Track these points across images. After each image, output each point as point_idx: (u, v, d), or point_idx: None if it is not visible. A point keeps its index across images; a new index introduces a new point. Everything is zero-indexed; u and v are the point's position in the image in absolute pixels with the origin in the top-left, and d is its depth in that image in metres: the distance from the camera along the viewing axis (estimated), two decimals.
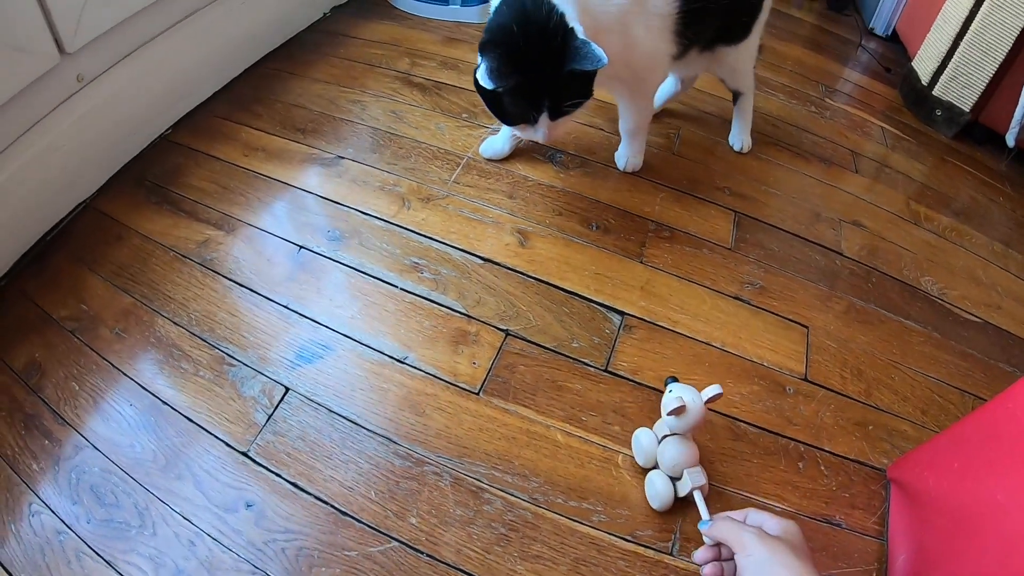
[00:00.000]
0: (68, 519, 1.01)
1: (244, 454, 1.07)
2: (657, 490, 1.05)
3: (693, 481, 1.00)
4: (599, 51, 1.11)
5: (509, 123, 1.29)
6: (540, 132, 1.26)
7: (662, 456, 1.05)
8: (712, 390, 1.00)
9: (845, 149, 1.85)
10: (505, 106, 1.24)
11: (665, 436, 1.05)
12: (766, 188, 1.63)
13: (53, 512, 1.01)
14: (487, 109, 1.29)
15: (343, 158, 1.59)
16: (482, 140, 1.61)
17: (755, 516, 0.88)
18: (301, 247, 1.38)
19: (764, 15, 1.51)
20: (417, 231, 1.42)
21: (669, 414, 1.00)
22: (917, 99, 2.08)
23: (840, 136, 1.90)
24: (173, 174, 1.55)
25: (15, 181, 1.34)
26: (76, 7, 1.37)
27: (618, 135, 1.62)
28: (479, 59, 1.17)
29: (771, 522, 0.86)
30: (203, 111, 1.75)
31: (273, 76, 1.86)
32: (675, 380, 1.06)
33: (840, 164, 1.78)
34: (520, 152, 1.63)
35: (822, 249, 1.50)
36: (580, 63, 1.12)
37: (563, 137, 1.39)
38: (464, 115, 1.72)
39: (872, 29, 2.59)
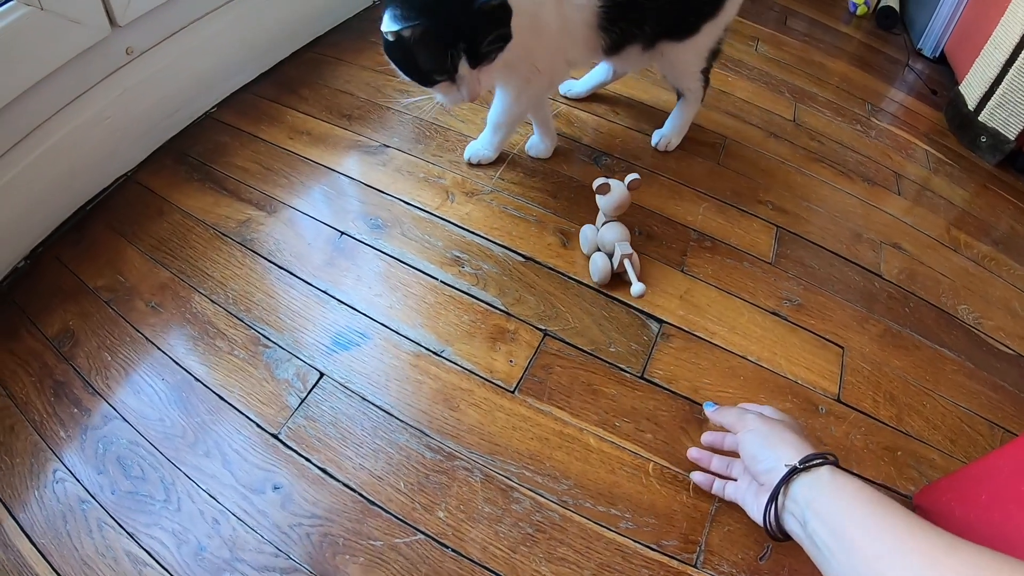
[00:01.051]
0: (92, 488, 1.01)
1: (275, 436, 1.07)
2: (597, 266, 1.31)
3: (621, 250, 1.28)
4: None
5: (428, 82, 1.16)
6: (464, 87, 1.16)
7: (601, 238, 1.33)
8: (631, 176, 1.29)
9: (888, 170, 1.83)
10: (419, 60, 1.12)
11: (603, 223, 1.34)
12: (808, 204, 1.61)
13: (77, 480, 1.02)
14: (404, 76, 1.19)
15: (388, 147, 1.59)
16: (527, 139, 1.61)
17: (755, 406, 1.00)
18: (343, 233, 1.38)
19: (722, 18, 1.45)
20: (460, 225, 1.42)
21: (596, 190, 1.28)
22: (962, 124, 2.06)
23: (884, 156, 1.88)
24: (217, 152, 1.56)
25: (59, 149, 1.35)
26: None
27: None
28: (384, 17, 1.10)
29: (770, 410, 0.99)
30: (248, 92, 1.75)
31: (320, 61, 1.87)
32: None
33: (882, 185, 1.76)
34: (566, 153, 1.62)
35: (861, 270, 1.48)
36: None
37: (486, 93, 1.33)
38: None
39: (920, 50, 2.57)
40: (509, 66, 1.26)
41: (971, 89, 2.04)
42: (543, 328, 1.25)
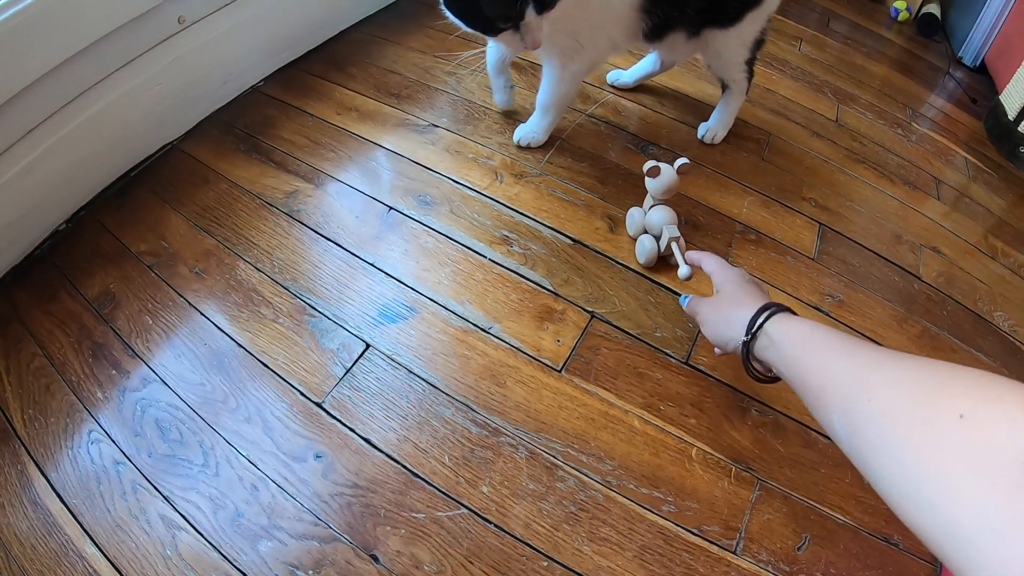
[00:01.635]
0: (128, 450, 1.02)
1: (318, 405, 1.08)
2: (644, 248, 1.33)
3: (669, 233, 1.27)
4: None
5: (492, 31, 1.16)
6: (527, 35, 1.14)
7: (648, 221, 1.33)
8: (681, 160, 1.29)
9: (928, 174, 1.83)
10: (485, 7, 1.12)
11: (651, 206, 1.34)
12: (851, 204, 1.61)
13: (113, 441, 1.03)
14: (466, 27, 1.19)
15: (437, 126, 1.60)
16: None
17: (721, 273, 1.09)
18: (391, 208, 1.39)
19: (765, 8, 1.44)
20: (509, 205, 1.42)
21: (647, 173, 1.28)
22: (1001, 134, 2.06)
23: (924, 161, 1.87)
24: (264, 125, 1.57)
25: (107, 113, 1.37)
26: None
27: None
28: None
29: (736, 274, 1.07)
30: (296, 67, 1.77)
31: (368, 41, 1.88)
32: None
33: (922, 189, 1.76)
34: (613, 141, 1.63)
35: (901, 271, 1.48)
36: None
37: (541, 43, 1.21)
38: None
39: (960, 58, 2.56)
40: (555, 34, 1.26)
41: (1011, 99, 2.04)
42: (590, 310, 1.25)
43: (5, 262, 1.27)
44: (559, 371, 1.16)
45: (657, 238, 1.32)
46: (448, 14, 1.18)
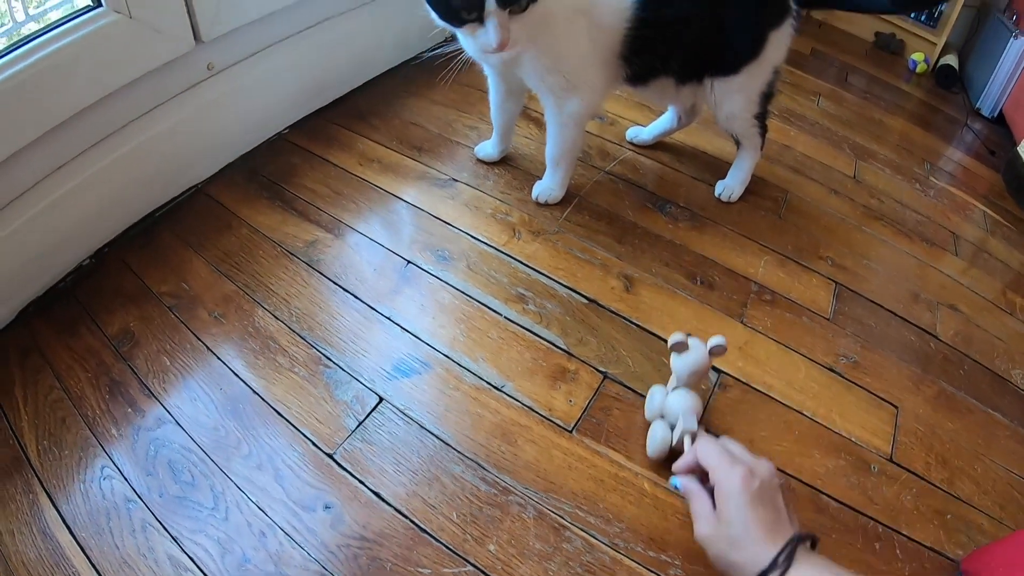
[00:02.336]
0: (140, 489, 1.04)
1: (330, 456, 1.09)
2: (655, 439, 1.13)
3: (685, 424, 1.08)
4: None
5: (457, 23, 1.21)
6: (492, 29, 1.17)
7: (668, 406, 1.13)
8: (715, 340, 1.08)
9: (946, 230, 1.83)
10: None
11: (673, 388, 1.15)
12: (867, 262, 1.62)
13: (125, 479, 1.05)
14: (438, 20, 1.23)
15: (457, 181, 1.63)
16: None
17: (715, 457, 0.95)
18: (409, 262, 1.42)
19: (766, 61, 1.46)
20: (526, 262, 1.44)
21: (671, 348, 1.10)
22: (1020, 186, 2.06)
23: (942, 216, 1.88)
24: (287, 173, 1.61)
25: (135, 154, 1.41)
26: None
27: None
28: None
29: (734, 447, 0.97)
30: (321, 117, 1.81)
31: (392, 93, 1.92)
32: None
33: (940, 245, 1.77)
34: (631, 199, 1.65)
35: (918, 330, 1.48)
36: None
37: (513, 49, 1.24)
38: (580, 157, 1.74)
39: (979, 109, 2.58)
40: (542, 71, 1.35)
41: None
42: (603, 370, 1.26)
43: (29, 293, 1.31)
44: (570, 431, 1.17)
45: (673, 427, 1.13)
46: (426, 6, 1.22)
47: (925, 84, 2.77)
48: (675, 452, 1.12)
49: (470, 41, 1.24)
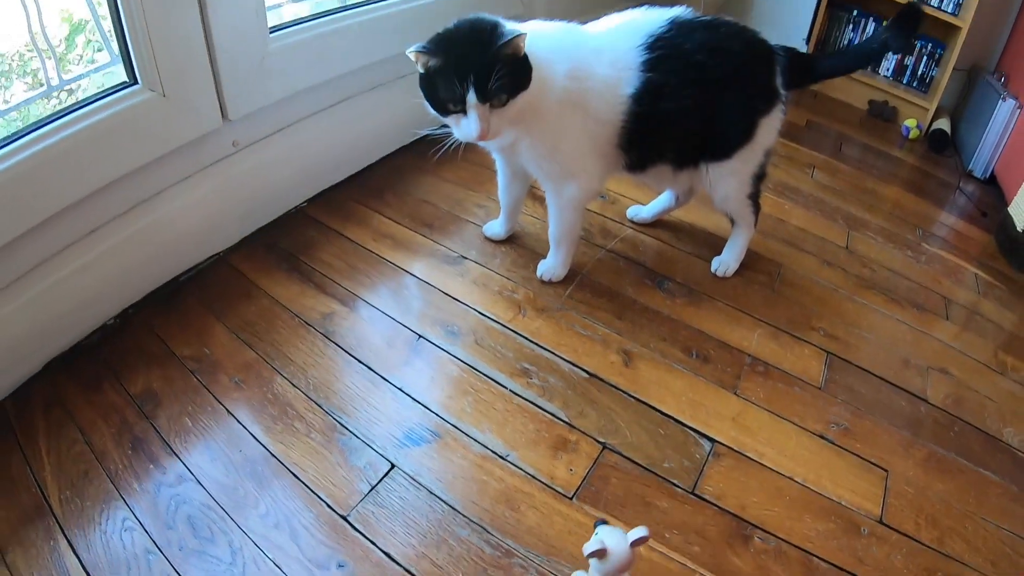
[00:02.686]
0: (160, 542, 1.10)
1: (344, 518, 1.16)
2: None
3: None
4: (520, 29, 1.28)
5: (443, 112, 1.34)
6: (473, 120, 1.30)
7: None
8: (637, 532, 0.95)
9: (938, 295, 1.90)
10: (438, 89, 1.30)
11: None
12: (859, 331, 1.69)
13: (146, 531, 1.11)
14: (431, 109, 1.36)
15: (466, 258, 1.73)
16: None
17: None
18: (420, 336, 1.50)
19: (757, 146, 1.55)
20: (530, 338, 1.53)
21: (588, 556, 0.97)
22: (1012, 246, 2.12)
23: (934, 282, 1.95)
24: (305, 245, 1.71)
25: (162, 222, 1.51)
26: (244, 82, 1.56)
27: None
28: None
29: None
30: (339, 191, 1.92)
31: (406, 169, 2.03)
32: (604, 523, 1.01)
33: (932, 311, 1.83)
34: (630, 276, 1.74)
35: (908, 395, 1.53)
36: (500, 39, 1.26)
37: (496, 138, 1.37)
38: (583, 236, 1.82)
39: (971, 171, 2.65)
40: (540, 159, 1.47)
41: (1020, 210, 2.11)
42: (603, 441, 1.33)
43: (55, 348, 1.40)
44: (571, 498, 1.23)
45: None
46: (422, 97, 1.36)
47: (918, 149, 2.86)
48: None
49: (456, 128, 1.36)
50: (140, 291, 1.54)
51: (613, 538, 0.96)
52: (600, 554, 0.96)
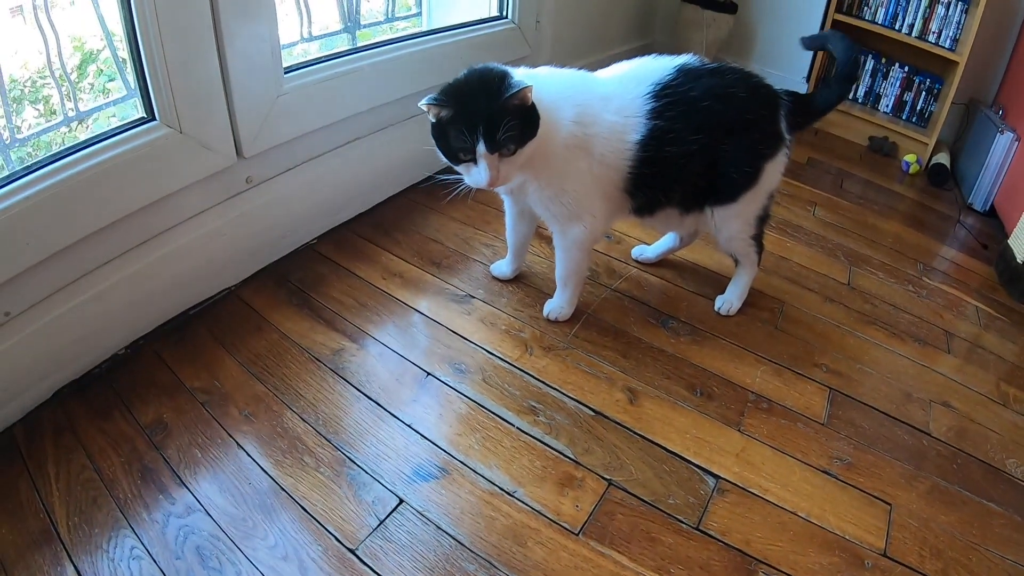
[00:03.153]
0: (168, 571, 1.12)
1: (352, 552, 1.18)
2: None
3: None
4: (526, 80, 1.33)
5: (455, 160, 1.40)
6: (483, 169, 1.36)
7: None
8: None
9: (939, 329, 1.92)
10: (449, 139, 1.36)
11: None
12: (861, 367, 1.71)
13: (154, 560, 1.13)
14: (443, 157, 1.42)
15: (473, 297, 1.76)
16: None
17: None
18: (429, 374, 1.53)
19: (761, 188, 1.59)
20: (537, 377, 1.55)
21: None
22: (1012, 277, 2.14)
23: (935, 316, 1.97)
24: (316, 282, 1.76)
25: (175, 255, 1.55)
26: (259, 120, 1.61)
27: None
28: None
29: None
30: (348, 228, 1.97)
31: (414, 207, 2.08)
32: None
33: (933, 344, 1.85)
34: (635, 315, 1.77)
35: (911, 429, 1.55)
36: (508, 91, 1.31)
37: (506, 183, 1.43)
38: (589, 275, 1.86)
39: (971, 204, 2.68)
40: (545, 199, 1.51)
41: (1020, 242, 2.13)
42: (608, 478, 1.35)
43: (66, 375, 1.43)
44: (577, 534, 1.25)
45: None
46: (435, 146, 1.41)
47: (918, 184, 2.90)
48: None
49: (467, 176, 1.41)
50: (152, 322, 1.57)
51: None
52: None
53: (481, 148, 1.33)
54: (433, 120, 1.37)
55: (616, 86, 1.50)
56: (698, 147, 1.49)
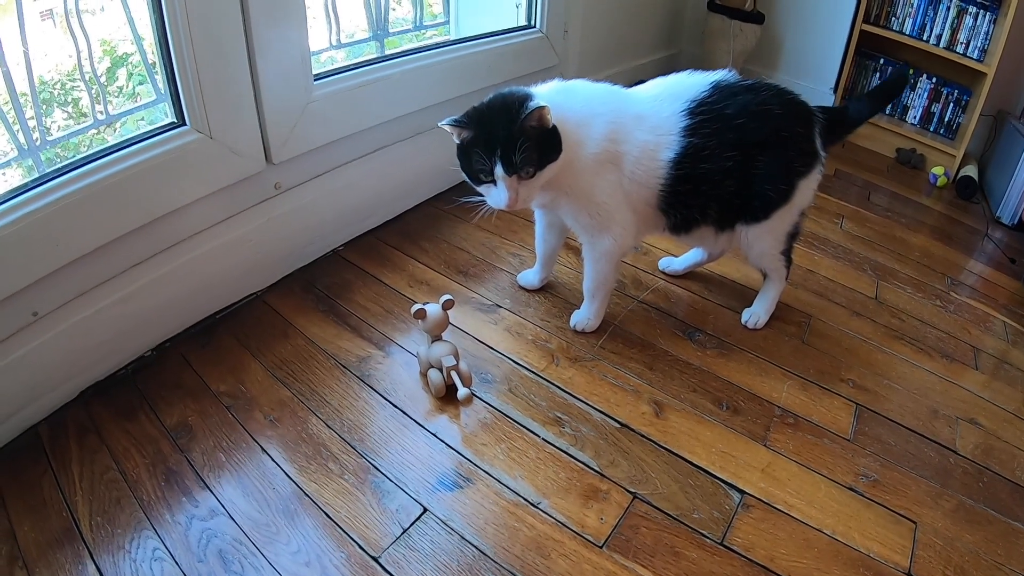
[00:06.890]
0: (190, 574, 1.14)
1: (375, 559, 1.19)
2: (433, 381, 1.49)
3: (447, 363, 1.46)
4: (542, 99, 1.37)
5: (476, 181, 1.43)
6: (502, 191, 1.38)
7: (430, 355, 1.50)
8: (445, 297, 1.50)
9: (967, 344, 1.90)
10: (471, 161, 1.40)
11: (431, 343, 1.51)
12: (888, 382, 1.70)
13: (176, 563, 1.15)
14: (467, 178, 1.46)
15: (500, 307, 1.77)
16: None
17: None
18: (454, 383, 1.52)
19: (794, 205, 1.59)
20: (563, 388, 1.56)
21: (415, 315, 1.48)
22: None
23: (962, 331, 1.95)
24: (342, 288, 1.77)
25: (203, 259, 1.58)
26: (288, 126, 1.63)
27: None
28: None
29: None
30: (374, 235, 1.99)
31: (441, 216, 2.09)
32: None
33: (961, 360, 1.83)
34: (662, 327, 1.77)
35: (937, 446, 1.54)
36: (524, 111, 1.33)
37: (527, 206, 1.48)
38: (616, 287, 1.86)
39: (999, 218, 2.66)
40: (576, 211, 1.53)
41: None
42: (633, 491, 1.35)
43: (91, 376, 1.45)
44: (601, 547, 1.25)
45: (441, 370, 1.48)
46: (459, 167, 1.45)
47: (946, 196, 2.87)
48: (451, 388, 1.46)
49: (488, 197, 1.43)
50: (178, 326, 1.60)
51: (431, 306, 1.49)
52: (420, 313, 1.48)
53: (499, 170, 1.35)
54: (457, 141, 1.40)
55: (651, 104, 1.51)
56: (732, 164, 1.49)
